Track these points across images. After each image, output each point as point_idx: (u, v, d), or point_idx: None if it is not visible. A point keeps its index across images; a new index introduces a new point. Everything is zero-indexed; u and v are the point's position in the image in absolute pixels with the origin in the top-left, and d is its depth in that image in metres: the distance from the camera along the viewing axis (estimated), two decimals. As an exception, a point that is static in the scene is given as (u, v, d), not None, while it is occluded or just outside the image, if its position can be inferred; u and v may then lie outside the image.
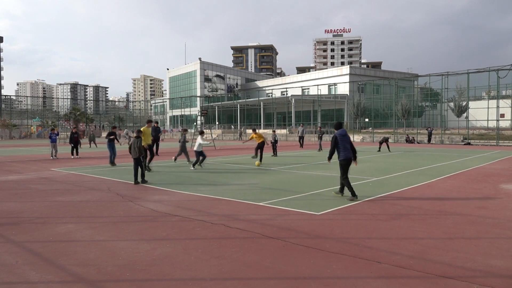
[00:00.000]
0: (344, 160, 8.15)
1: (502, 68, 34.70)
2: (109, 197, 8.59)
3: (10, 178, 11.98)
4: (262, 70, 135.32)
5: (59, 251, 4.88)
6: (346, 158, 8.16)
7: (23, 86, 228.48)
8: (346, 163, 8.17)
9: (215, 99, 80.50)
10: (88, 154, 22.35)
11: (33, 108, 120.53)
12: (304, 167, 14.62)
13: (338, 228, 5.95)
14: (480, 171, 13.32)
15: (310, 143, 34.98)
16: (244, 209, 7.31)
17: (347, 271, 4.19)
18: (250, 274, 4.11)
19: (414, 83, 62.73)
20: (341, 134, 8.27)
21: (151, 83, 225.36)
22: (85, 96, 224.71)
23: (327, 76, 69.40)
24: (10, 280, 3.97)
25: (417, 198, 8.36)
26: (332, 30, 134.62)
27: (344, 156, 8.15)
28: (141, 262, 4.46)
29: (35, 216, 6.81)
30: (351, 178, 8.15)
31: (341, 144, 8.17)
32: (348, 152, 8.17)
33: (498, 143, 32.21)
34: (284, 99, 60.09)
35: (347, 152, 8.16)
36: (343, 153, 8.17)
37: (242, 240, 5.30)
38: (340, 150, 8.21)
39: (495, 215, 6.77)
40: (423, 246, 5.04)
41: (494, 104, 37.61)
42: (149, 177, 11.47)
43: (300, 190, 9.28)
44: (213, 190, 9.45)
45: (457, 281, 3.88)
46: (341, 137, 8.22)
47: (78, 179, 11.70)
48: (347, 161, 8.17)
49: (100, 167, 15.02)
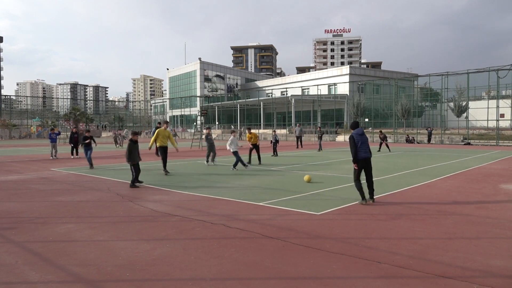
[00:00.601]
0: (361, 160, 7.79)
1: (502, 68, 34.72)
2: (109, 197, 8.58)
3: (10, 178, 11.98)
4: (262, 70, 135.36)
5: (59, 251, 4.88)
6: (363, 158, 7.80)
7: (23, 86, 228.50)
8: (362, 164, 7.81)
9: (215, 99, 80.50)
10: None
11: (33, 108, 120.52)
12: (304, 167, 14.62)
13: (338, 228, 5.95)
14: (480, 171, 13.32)
15: (310, 143, 34.99)
16: (244, 209, 7.31)
17: (347, 271, 4.19)
18: (250, 274, 4.11)
19: (414, 83, 62.71)
20: (357, 134, 7.91)
21: (151, 83, 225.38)
22: (85, 96, 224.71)
23: (327, 76, 69.43)
24: (9, 280, 3.97)
25: (417, 198, 8.36)
26: (332, 30, 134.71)
27: (360, 156, 7.79)
28: (141, 262, 4.46)
29: (35, 216, 6.81)
30: (352, 179, 8.12)
31: (358, 143, 7.80)
32: (365, 152, 7.84)
33: (498, 143, 32.21)
34: (284, 99, 60.08)
35: (364, 152, 7.81)
36: (360, 153, 7.80)
37: (242, 240, 5.30)
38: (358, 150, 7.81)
39: (495, 215, 6.76)
40: (423, 246, 5.04)
41: (494, 104, 37.60)
42: (150, 177, 11.46)
43: (300, 190, 9.28)
44: (213, 190, 9.45)
45: (457, 281, 3.88)
46: (358, 136, 7.86)
47: (78, 179, 11.70)
48: (364, 161, 7.80)
49: (100, 167, 15.02)
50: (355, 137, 7.82)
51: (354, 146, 7.78)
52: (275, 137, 20.60)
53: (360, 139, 7.83)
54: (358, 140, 7.80)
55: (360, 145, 7.80)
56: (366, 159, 7.85)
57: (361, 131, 7.97)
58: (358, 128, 8.05)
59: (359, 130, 7.99)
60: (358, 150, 7.79)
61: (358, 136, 7.86)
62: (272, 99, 62.07)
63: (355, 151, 7.76)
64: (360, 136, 7.87)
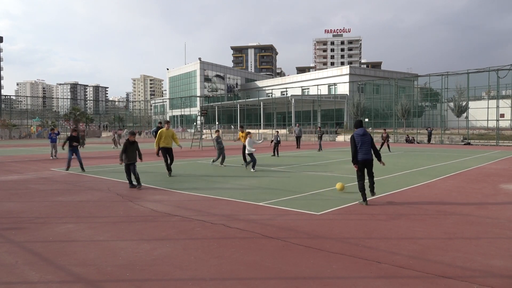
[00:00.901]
0: (360, 161, 7.63)
1: (502, 68, 34.72)
2: (109, 197, 8.58)
3: (10, 178, 11.98)
4: (262, 70, 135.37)
5: (59, 251, 4.88)
6: (362, 160, 7.62)
7: (23, 86, 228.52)
8: (362, 165, 7.66)
9: (215, 99, 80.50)
10: (88, 154, 22.35)
11: (33, 108, 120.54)
12: (304, 167, 14.62)
13: (338, 228, 5.95)
14: (480, 171, 13.32)
15: (310, 143, 34.99)
16: (244, 209, 7.31)
17: (347, 271, 4.19)
18: (250, 274, 4.11)
19: (414, 83, 62.70)
20: (358, 134, 7.71)
21: (151, 83, 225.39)
22: (85, 96, 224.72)
23: (327, 76, 69.41)
24: (9, 280, 3.97)
25: (417, 198, 8.36)
26: (332, 30, 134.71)
27: (359, 157, 7.62)
28: (141, 262, 4.46)
29: (35, 216, 6.81)
30: (352, 179, 8.11)
31: (358, 143, 7.63)
32: (365, 154, 7.61)
33: (498, 143, 32.22)
34: (284, 99, 60.09)
35: (363, 153, 7.61)
36: (359, 154, 7.61)
37: (242, 240, 5.30)
38: (357, 150, 7.65)
39: (495, 215, 6.76)
40: (423, 246, 5.04)
41: (494, 104, 37.61)
42: (150, 177, 11.46)
43: (300, 190, 9.28)
44: (213, 190, 9.45)
45: (457, 281, 3.88)
46: (358, 136, 7.67)
47: (78, 179, 11.70)
48: (363, 162, 7.64)
49: (100, 167, 15.02)
50: (355, 137, 7.65)
51: (354, 146, 7.65)
52: (277, 137, 20.29)
53: (360, 140, 7.63)
54: (359, 140, 7.62)
55: (360, 145, 7.61)
56: (365, 161, 7.67)
57: (362, 131, 7.74)
58: (360, 127, 7.81)
59: (361, 130, 7.75)
60: (358, 151, 7.62)
61: (358, 136, 7.66)
62: (272, 99, 62.06)
63: (355, 152, 7.62)
64: (361, 137, 7.66)
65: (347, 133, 45.63)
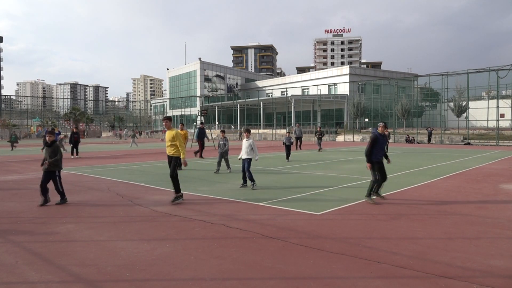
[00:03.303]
0: (377, 162, 7.94)
1: (502, 68, 34.72)
2: (109, 197, 8.58)
3: (10, 178, 11.97)
4: (262, 70, 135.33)
5: (59, 251, 4.88)
6: (378, 161, 7.96)
7: (23, 86, 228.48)
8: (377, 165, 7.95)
9: (215, 99, 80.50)
10: (88, 154, 22.36)
11: (33, 108, 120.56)
12: (304, 167, 14.62)
13: (338, 228, 5.95)
14: (480, 171, 13.32)
15: (310, 143, 34.99)
16: (244, 209, 7.31)
17: (347, 271, 4.19)
18: (250, 274, 4.11)
19: (414, 83, 62.71)
20: (381, 135, 8.08)
21: (151, 83, 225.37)
22: (85, 96, 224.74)
23: (327, 76, 69.39)
24: (9, 280, 3.97)
25: (417, 198, 8.36)
26: (332, 30, 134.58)
27: (376, 158, 7.92)
28: (141, 262, 4.46)
29: (35, 216, 6.81)
30: (352, 179, 8.12)
31: (379, 145, 7.96)
32: (381, 155, 8.00)
33: (498, 143, 32.21)
34: (284, 99, 60.07)
35: (380, 154, 7.97)
36: (377, 155, 7.93)
37: (242, 240, 5.29)
38: (375, 151, 7.92)
39: (495, 215, 6.76)
40: (423, 246, 5.04)
41: (494, 104, 37.61)
42: (150, 177, 11.45)
43: (300, 190, 9.28)
44: (213, 190, 9.45)
45: (457, 281, 3.88)
46: (381, 138, 8.02)
47: (78, 179, 11.69)
48: (379, 163, 7.98)
49: (100, 167, 15.02)
50: (379, 138, 7.93)
51: (372, 146, 7.87)
52: (289, 139, 17.90)
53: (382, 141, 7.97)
54: (381, 142, 7.95)
55: (379, 147, 7.92)
56: (380, 162, 7.99)
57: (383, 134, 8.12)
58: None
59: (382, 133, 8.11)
60: (378, 151, 7.91)
61: (381, 137, 7.99)
62: (272, 99, 62.06)
63: (371, 152, 7.87)
64: (383, 139, 8.03)
65: (347, 133, 45.64)
